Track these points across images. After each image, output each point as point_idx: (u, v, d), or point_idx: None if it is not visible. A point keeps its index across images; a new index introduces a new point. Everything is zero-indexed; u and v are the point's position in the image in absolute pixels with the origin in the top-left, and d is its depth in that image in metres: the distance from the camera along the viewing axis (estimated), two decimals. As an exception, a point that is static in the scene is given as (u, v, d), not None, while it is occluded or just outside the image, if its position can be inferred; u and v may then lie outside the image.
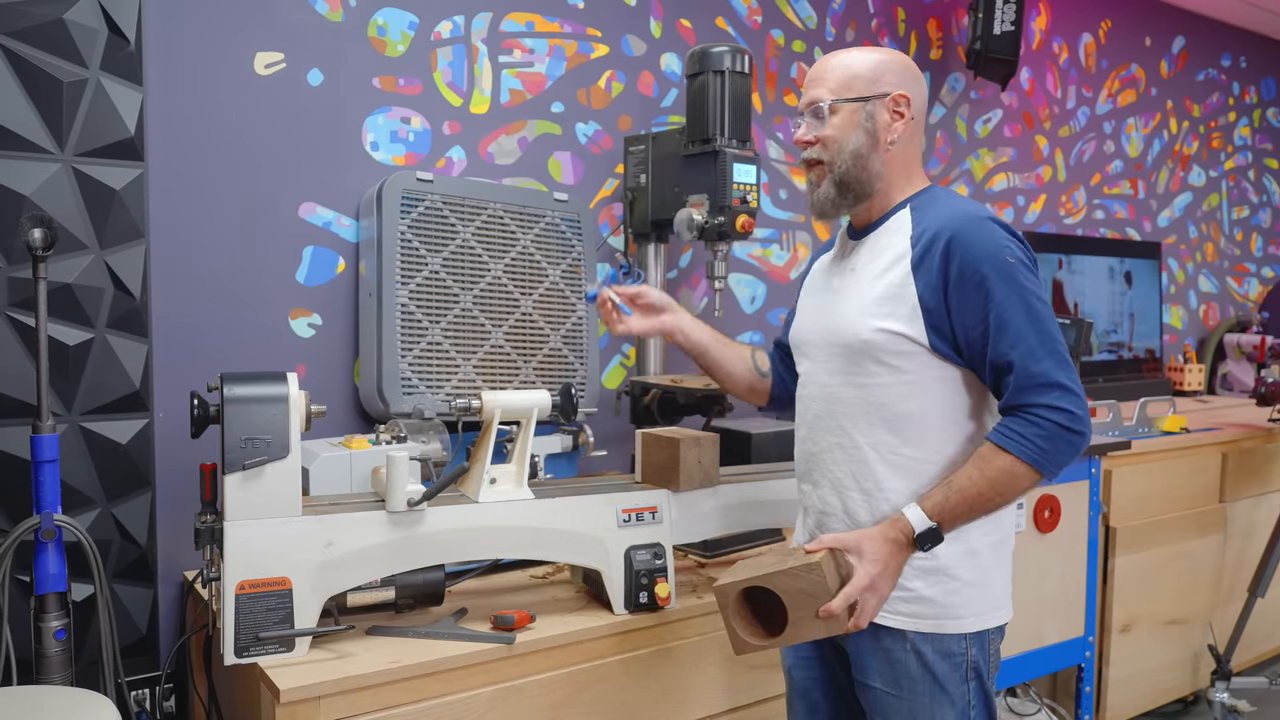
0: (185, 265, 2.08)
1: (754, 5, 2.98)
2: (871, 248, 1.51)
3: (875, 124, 1.49)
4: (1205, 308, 4.64)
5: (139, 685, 2.01)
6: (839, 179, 1.50)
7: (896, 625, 1.45)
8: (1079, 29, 4.02)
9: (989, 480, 1.36)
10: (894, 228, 1.49)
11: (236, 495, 1.53)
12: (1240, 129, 4.74)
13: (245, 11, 2.13)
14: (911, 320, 1.41)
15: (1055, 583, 2.62)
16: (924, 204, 1.50)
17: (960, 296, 1.38)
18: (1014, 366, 1.35)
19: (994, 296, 1.36)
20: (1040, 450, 1.33)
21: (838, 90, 1.50)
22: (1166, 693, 3.06)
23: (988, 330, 1.37)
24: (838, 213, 1.54)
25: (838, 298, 1.53)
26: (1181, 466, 3.02)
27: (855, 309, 1.47)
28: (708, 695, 1.90)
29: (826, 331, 1.52)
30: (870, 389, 1.45)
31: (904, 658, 1.46)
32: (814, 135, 1.52)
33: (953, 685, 1.45)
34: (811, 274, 1.69)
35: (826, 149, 1.51)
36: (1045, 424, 1.33)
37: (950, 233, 1.40)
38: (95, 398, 1.96)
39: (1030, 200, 3.88)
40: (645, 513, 1.83)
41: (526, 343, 2.31)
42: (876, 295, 1.45)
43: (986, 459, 1.37)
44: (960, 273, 1.38)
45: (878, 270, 1.47)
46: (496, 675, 1.65)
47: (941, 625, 1.45)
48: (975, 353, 1.40)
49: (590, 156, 2.66)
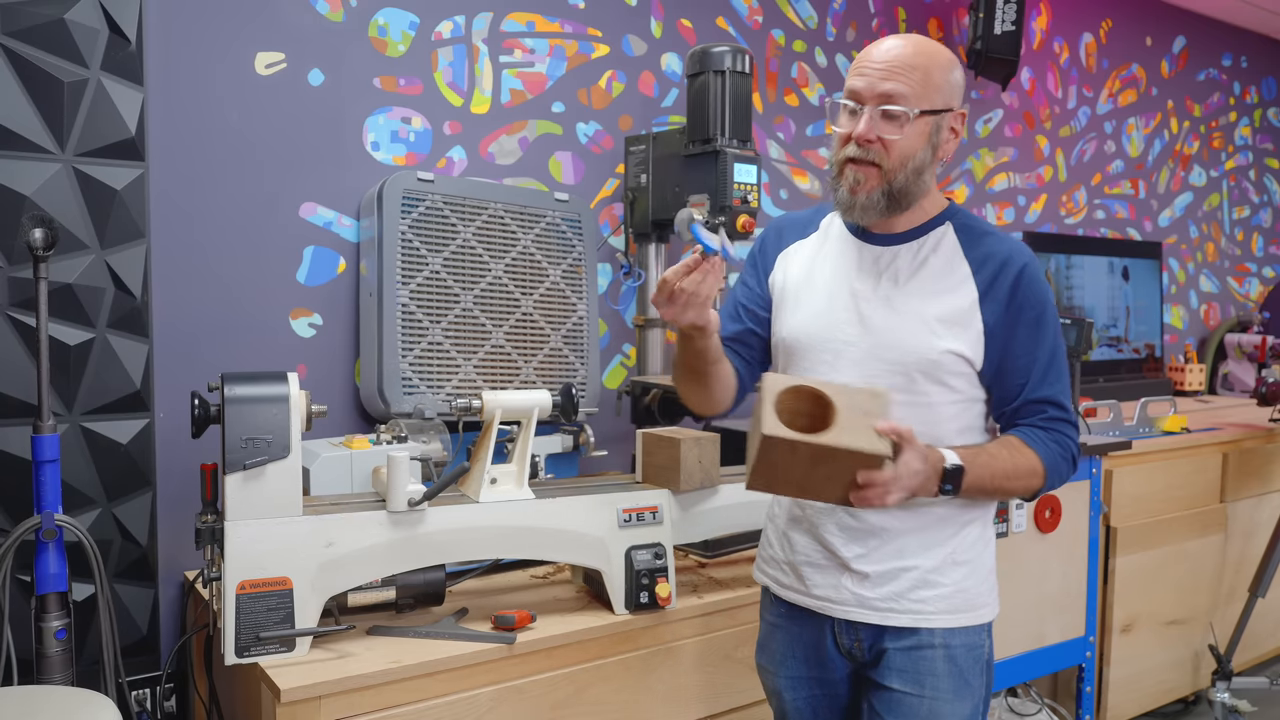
0: (186, 265, 2.08)
1: (755, 5, 2.98)
2: (913, 259, 1.45)
3: (939, 139, 1.42)
4: (1206, 307, 4.64)
5: (140, 685, 2.01)
6: (894, 190, 1.41)
7: (928, 625, 1.43)
8: (1080, 29, 4.02)
9: (1015, 465, 1.40)
10: (937, 244, 1.45)
11: (237, 495, 1.53)
12: (1241, 129, 4.74)
13: (246, 11, 2.13)
14: (975, 345, 1.41)
15: (1056, 583, 2.62)
16: (965, 224, 1.47)
17: (1021, 329, 1.42)
18: (1049, 400, 1.44)
19: (1047, 336, 1.43)
20: (1058, 464, 1.43)
21: (921, 96, 1.37)
22: (1167, 693, 3.06)
23: (1033, 365, 1.42)
24: (873, 219, 1.44)
25: (886, 310, 1.44)
26: (1182, 466, 3.02)
27: (920, 326, 1.41)
28: (708, 695, 1.90)
29: (878, 345, 1.43)
30: (923, 408, 1.41)
31: (931, 655, 1.43)
32: (878, 135, 1.38)
33: (974, 677, 1.46)
34: (807, 271, 1.53)
35: (889, 155, 1.39)
36: (1067, 447, 1.44)
37: (1021, 265, 1.42)
38: (96, 398, 1.96)
39: (1031, 200, 3.88)
40: (646, 513, 1.83)
41: (527, 343, 2.31)
42: (942, 315, 1.41)
43: (1016, 447, 1.41)
44: (1023, 306, 1.41)
45: (937, 289, 1.43)
46: (497, 675, 1.65)
47: (972, 617, 1.46)
48: (1007, 379, 1.43)
49: (591, 156, 2.66)
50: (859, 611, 1.45)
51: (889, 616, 1.44)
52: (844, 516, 1.45)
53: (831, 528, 1.46)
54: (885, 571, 1.44)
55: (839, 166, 1.43)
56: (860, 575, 1.44)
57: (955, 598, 1.44)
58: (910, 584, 1.43)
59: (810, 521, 1.49)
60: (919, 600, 1.43)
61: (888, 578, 1.43)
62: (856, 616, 1.45)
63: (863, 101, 1.39)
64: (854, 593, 1.45)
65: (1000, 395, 1.45)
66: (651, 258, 2.55)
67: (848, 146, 1.40)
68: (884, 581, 1.44)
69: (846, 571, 1.45)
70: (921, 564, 1.43)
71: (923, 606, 1.43)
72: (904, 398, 1.40)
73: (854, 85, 1.40)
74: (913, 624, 1.43)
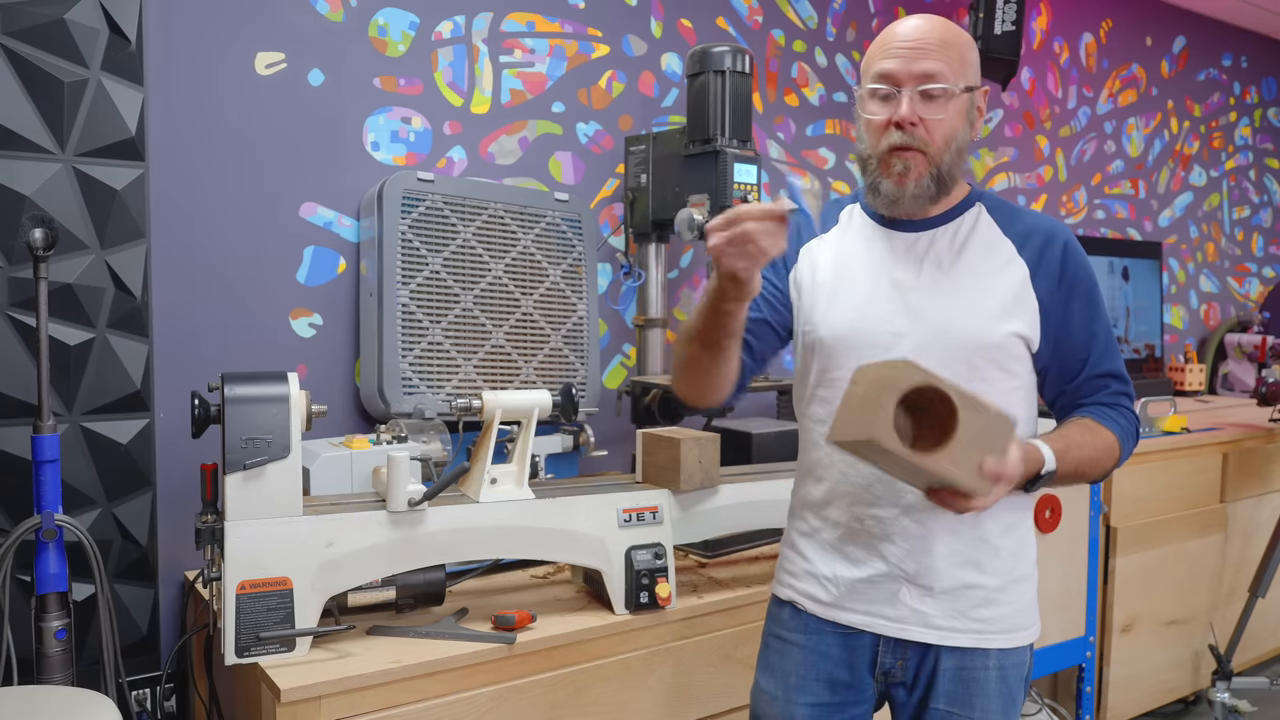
0: (186, 265, 2.08)
1: (755, 5, 2.98)
2: (951, 242, 1.38)
3: (975, 115, 1.37)
4: (1206, 307, 4.64)
5: (140, 685, 2.01)
6: (942, 173, 1.34)
7: (984, 645, 1.38)
8: (1080, 29, 4.02)
9: (1098, 449, 1.35)
10: (974, 224, 1.39)
11: (237, 495, 1.53)
12: (1241, 129, 4.74)
13: (246, 11, 2.13)
14: (1032, 324, 1.36)
15: (1056, 583, 2.62)
16: (995, 204, 1.42)
17: (1074, 303, 1.38)
18: (1113, 374, 1.41)
19: (1100, 309, 1.40)
20: (1128, 441, 1.40)
21: (958, 72, 1.31)
22: (1167, 693, 3.06)
23: (1093, 339, 1.39)
24: (920, 207, 1.37)
25: (937, 297, 1.36)
26: (1182, 466, 3.02)
27: (979, 309, 1.34)
28: (708, 695, 1.90)
29: (935, 334, 1.34)
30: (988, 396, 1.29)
31: (983, 676, 1.37)
32: (920, 117, 1.30)
33: (1019, 695, 1.41)
34: (836, 265, 1.44)
35: (933, 138, 1.31)
36: (1132, 420, 1.42)
37: (1064, 239, 1.38)
38: (96, 398, 1.96)
39: (1031, 200, 3.88)
40: (646, 513, 1.83)
41: (527, 343, 2.31)
42: (999, 296, 1.35)
43: (1094, 430, 1.36)
44: (1074, 280, 1.38)
45: (985, 269, 1.36)
46: (497, 675, 1.65)
47: (1025, 636, 1.42)
48: (1067, 355, 1.39)
49: (591, 156, 2.66)
50: (917, 630, 1.37)
51: (949, 636, 1.37)
52: (910, 525, 1.36)
53: (897, 539, 1.36)
54: (951, 588, 1.36)
55: (880, 158, 1.34)
56: (924, 589, 1.36)
57: (1015, 617, 1.39)
58: (975, 602, 1.37)
59: (871, 534, 1.39)
60: (981, 620, 1.37)
61: (953, 594, 1.36)
62: (914, 635, 1.37)
63: (899, 84, 1.30)
64: (914, 609, 1.37)
65: (1059, 372, 1.40)
66: (651, 258, 2.55)
67: (889, 134, 1.32)
68: (948, 598, 1.36)
69: (908, 585, 1.37)
70: (987, 582, 1.37)
71: (984, 626, 1.37)
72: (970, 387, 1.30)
73: (887, 68, 1.31)
74: (973, 644, 1.37)
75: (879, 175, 1.35)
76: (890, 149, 1.32)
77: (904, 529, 1.36)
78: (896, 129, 1.31)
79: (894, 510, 1.37)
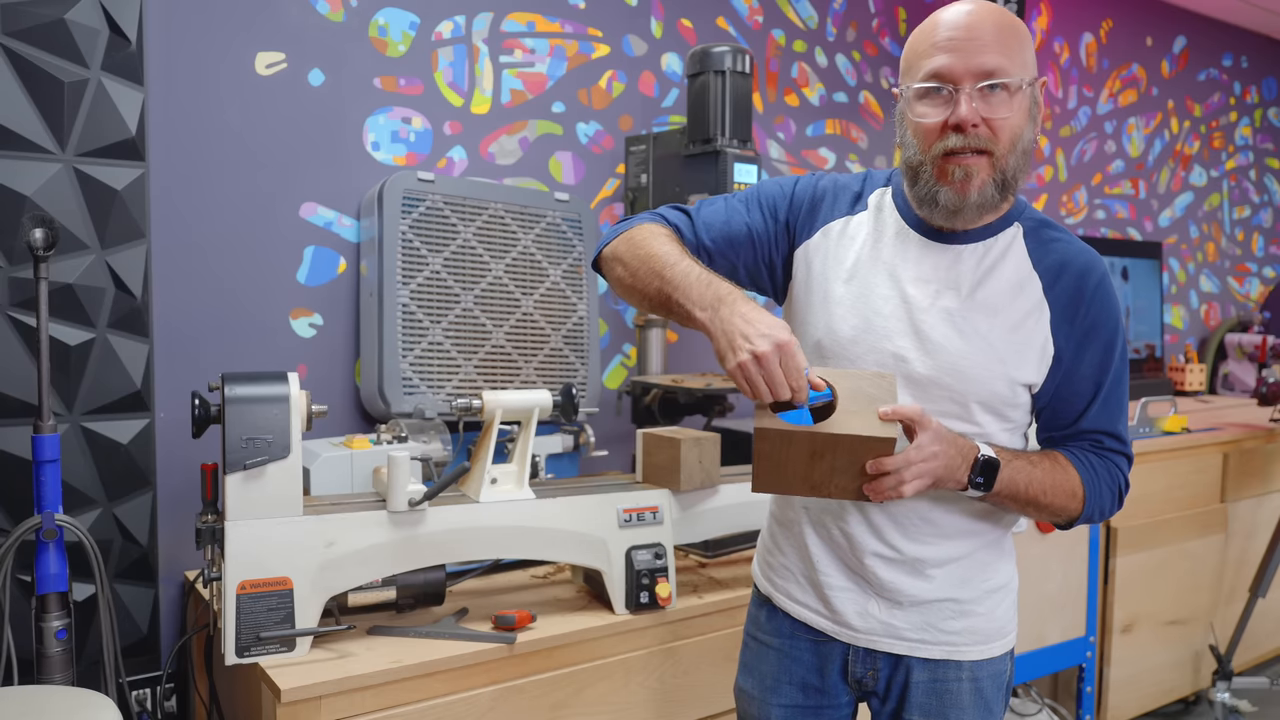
0: (186, 265, 2.08)
1: (755, 5, 2.98)
2: (977, 266, 1.27)
3: (1037, 111, 1.23)
4: (1206, 307, 4.64)
5: (140, 685, 2.01)
6: (1008, 177, 1.21)
7: (957, 658, 1.35)
8: (1080, 29, 4.02)
9: (1054, 480, 1.28)
10: (1005, 249, 1.27)
11: (237, 495, 1.53)
12: (1241, 129, 4.74)
13: (246, 12, 2.13)
14: (1039, 368, 1.27)
15: (1056, 583, 2.62)
16: (1034, 226, 1.29)
17: (1088, 350, 1.27)
18: (1107, 432, 1.32)
19: (1113, 360, 1.28)
20: (1100, 494, 1.32)
21: (1019, 62, 1.18)
22: (1168, 693, 3.06)
23: (1096, 391, 1.29)
24: (974, 220, 1.25)
25: (948, 328, 1.26)
26: (1183, 466, 3.02)
27: (989, 355, 1.25)
28: (708, 695, 1.90)
29: (941, 370, 1.26)
30: (973, 437, 1.26)
31: (957, 688, 1.34)
32: (985, 116, 1.17)
33: (996, 704, 1.39)
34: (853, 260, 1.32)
35: (999, 139, 1.18)
36: (1116, 478, 1.33)
37: (1096, 279, 1.27)
38: (96, 398, 1.96)
39: (1031, 200, 3.87)
40: (646, 513, 1.83)
41: (527, 343, 2.31)
42: (1015, 344, 1.25)
43: (1059, 462, 1.30)
44: (1095, 325, 1.27)
45: (1006, 306, 1.25)
46: (497, 675, 1.65)
47: (1001, 645, 1.38)
48: (1063, 403, 1.30)
49: (591, 156, 2.66)
50: (885, 641, 1.35)
51: (919, 648, 1.34)
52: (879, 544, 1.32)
53: (866, 550, 1.33)
54: (920, 600, 1.33)
55: (935, 163, 1.20)
56: (892, 603, 1.33)
57: (989, 628, 1.36)
58: (945, 614, 1.33)
59: (840, 546, 1.35)
60: (952, 632, 1.34)
61: (922, 607, 1.33)
62: (882, 646, 1.35)
63: (958, 81, 1.17)
64: (882, 621, 1.34)
65: (1050, 418, 1.32)
66: (652, 258, 2.55)
67: (945, 138, 1.18)
68: (918, 611, 1.33)
69: (875, 598, 1.34)
70: (959, 595, 1.33)
71: (955, 639, 1.34)
72: (954, 425, 1.25)
73: (942, 65, 1.18)
74: (944, 656, 1.34)
75: (935, 184, 1.22)
76: (946, 154, 1.19)
77: (874, 547, 1.33)
78: (955, 132, 1.18)
79: (863, 526, 1.33)
